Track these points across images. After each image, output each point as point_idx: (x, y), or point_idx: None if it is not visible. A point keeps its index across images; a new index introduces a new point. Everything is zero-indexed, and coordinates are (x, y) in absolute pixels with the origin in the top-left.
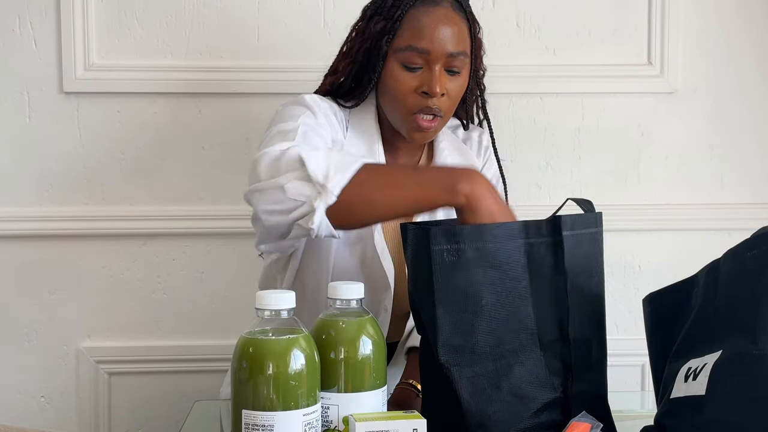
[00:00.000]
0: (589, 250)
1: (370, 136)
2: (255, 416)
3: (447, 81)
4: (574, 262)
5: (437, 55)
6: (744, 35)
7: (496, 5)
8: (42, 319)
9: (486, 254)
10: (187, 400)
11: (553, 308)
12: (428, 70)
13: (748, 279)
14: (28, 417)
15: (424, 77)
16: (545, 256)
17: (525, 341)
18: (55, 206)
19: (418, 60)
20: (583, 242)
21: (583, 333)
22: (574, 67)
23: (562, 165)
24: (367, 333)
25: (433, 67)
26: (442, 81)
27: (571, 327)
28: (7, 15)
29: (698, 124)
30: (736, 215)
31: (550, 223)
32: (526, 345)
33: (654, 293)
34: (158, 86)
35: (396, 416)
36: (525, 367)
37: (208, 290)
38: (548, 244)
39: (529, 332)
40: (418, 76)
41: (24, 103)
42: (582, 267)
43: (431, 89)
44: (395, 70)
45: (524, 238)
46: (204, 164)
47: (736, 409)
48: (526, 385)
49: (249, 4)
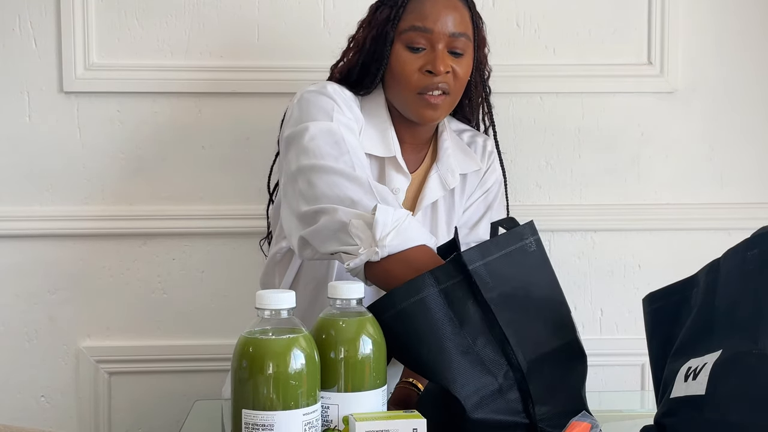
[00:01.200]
0: (519, 269)
1: (383, 123)
2: (255, 416)
3: (450, 61)
4: (496, 290)
5: (439, 35)
6: (744, 35)
7: (496, 5)
8: (42, 319)
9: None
10: (187, 400)
11: (493, 342)
12: (432, 50)
13: (748, 279)
14: (28, 417)
15: (428, 57)
16: (463, 296)
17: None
18: (55, 206)
19: (422, 40)
20: (506, 263)
21: (536, 355)
22: (574, 66)
23: (562, 165)
24: (367, 333)
25: (437, 47)
26: (445, 59)
27: (518, 354)
28: (7, 15)
29: (698, 123)
30: (736, 215)
31: (454, 262)
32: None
33: (654, 293)
34: (158, 86)
35: (396, 416)
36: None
37: (208, 290)
38: (461, 282)
39: (484, 370)
40: (422, 57)
41: (24, 103)
42: (513, 289)
43: (435, 67)
44: (400, 52)
45: (435, 285)
46: (204, 164)
47: (736, 409)
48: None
49: (249, 4)
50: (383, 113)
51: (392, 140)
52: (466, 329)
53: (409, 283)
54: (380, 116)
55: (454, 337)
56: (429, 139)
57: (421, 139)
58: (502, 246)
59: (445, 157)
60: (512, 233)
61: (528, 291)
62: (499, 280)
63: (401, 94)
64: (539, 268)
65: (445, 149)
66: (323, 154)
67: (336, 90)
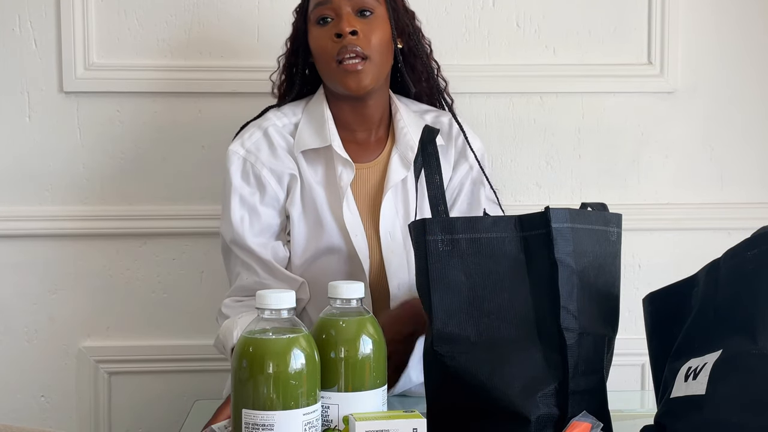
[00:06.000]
0: (597, 249)
1: (320, 118)
2: (255, 415)
3: (357, 22)
4: (568, 255)
5: (339, 1)
6: (744, 35)
7: (496, 5)
8: (42, 319)
9: (480, 245)
10: (187, 400)
11: (549, 300)
12: (338, 17)
13: (748, 279)
14: (28, 417)
15: (335, 24)
16: (540, 248)
17: (522, 332)
18: (55, 206)
19: (326, 11)
20: (588, 238)
21: (585, 328)
22: (574, 66)
23: (562, 165)
24: (367, 332)
25: (341, 12)
26: (350, 20)
27: (565, 320)
28: (7, 15)
29: (698, 123)
30: (736, 215)
31: (542, 215)
32: (522, 336)
33: (654, 293)
34: (158, 86)
35: (396, 415)
36: (520, 358)
37: (208, 290)
38: (541, 235)
39: (526, 323)
40: (331, 26)
41: (24, 103)
42: (584, 262)
43: (340, 28)
44: (313, 31)
45: (519, 231)
46: (204, 164)
47: (736, 409)
48: (521, 378)
49: (249, 4)
50: (321, 110)
51: (329, 131)
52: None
53: (495, 218)
54: (318, 113)
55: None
56: (379, 120)
57: (371, 119)
58: (590, 221)
59: (401, 136)
60: (601, 215)
61: (596, 274)
62: (576, 249)
63: (325, 71)
64: (612, 258)
65: (401, 128)
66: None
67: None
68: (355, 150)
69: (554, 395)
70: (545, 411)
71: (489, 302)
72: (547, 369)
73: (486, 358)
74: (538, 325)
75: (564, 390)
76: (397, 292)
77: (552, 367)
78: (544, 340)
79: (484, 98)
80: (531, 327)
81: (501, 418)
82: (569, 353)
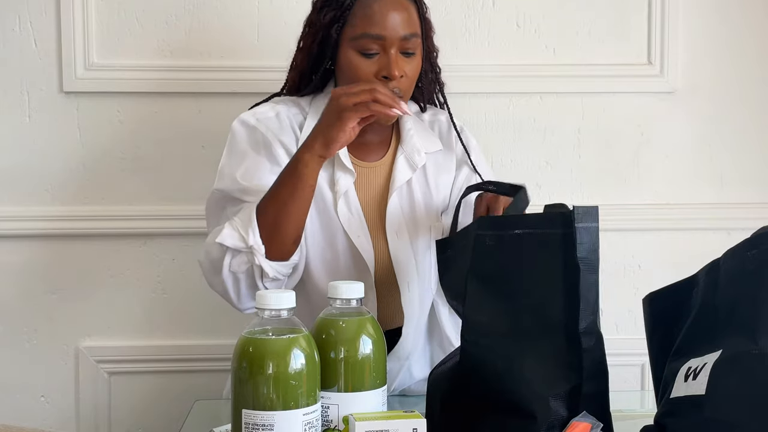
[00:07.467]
0: (593, 245)
1: None
2: (255, 416)
3: (404, 63)
4: (584, 255)
5: (391, 40)
6: (744, 35)
7: (496, 5)
8: (42, 319)
9: (524, 242)
10: (187, 400)
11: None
12: (384, 54)
13: (748, 278)
14: (28, 417)
15: (381, 62)
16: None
17: (548, 329)
18: (55, 206)
19: (374, 46)
20: (589, 236)
21: (594, 330)
22: (574, 66)
23: (562, 165)
24: (367, 332)
25: (389, 51)
26: (399, 64)
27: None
28: (7, 15)
29: (698, 123)
30: (736, 215)
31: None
32: (548, 333)
33: (654, 293)
34: (158, 86)
35: (396, 416)
36: (539, 356)
37: (208, 290)
38: (568, 235)
39: (553, 322)
40: (375, 62)
41: (24, 103)
42: (590, 261)
43: (390, 73)
44: (353, 58)
45: (561, 228)
46: (204, 164)
47: (736, 409)
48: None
49: (249, 4)
50: None
51: None
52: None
53: (538, 215)
54: None
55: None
56: None
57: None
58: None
59: (408, 138)
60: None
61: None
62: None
63: None
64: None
65: (408, 130)
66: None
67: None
68: (361, 150)
69: (566, 397)
70: (555, 412)
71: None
72: (563, 370)
73: (506, 352)
74: (567, 324)
75: (576, 393)
76: (407, 290)
77: (569, 368)
78: (565, 341)
79: (484, 98)
80: (557, 325)
81: (510, 415)
82: (586, 357)
